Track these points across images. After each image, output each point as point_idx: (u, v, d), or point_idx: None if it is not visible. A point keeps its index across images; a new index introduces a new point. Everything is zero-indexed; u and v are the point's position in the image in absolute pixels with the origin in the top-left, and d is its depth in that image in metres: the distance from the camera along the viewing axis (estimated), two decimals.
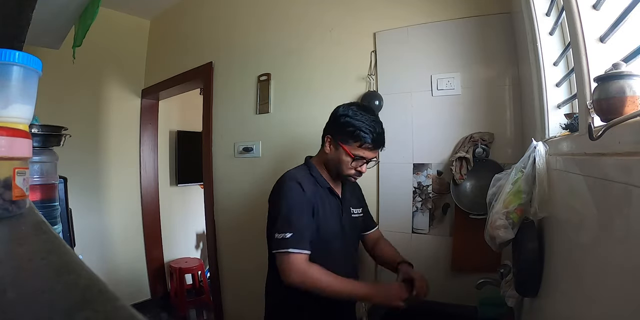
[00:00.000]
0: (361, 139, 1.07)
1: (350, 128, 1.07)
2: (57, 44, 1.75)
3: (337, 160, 1.11)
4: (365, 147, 1.08)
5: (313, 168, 1.16)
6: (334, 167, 1.13)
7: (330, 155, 1.13)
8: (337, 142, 1.10)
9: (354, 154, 1.08)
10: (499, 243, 0.84)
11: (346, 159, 1.09)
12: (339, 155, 1.10)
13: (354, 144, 1.08)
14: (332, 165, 1.13)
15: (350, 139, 1.08)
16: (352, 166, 1.10)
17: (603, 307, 0.46)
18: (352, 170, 1.11)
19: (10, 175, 0.40)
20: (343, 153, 1.09)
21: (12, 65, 0.46)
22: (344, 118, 1.09)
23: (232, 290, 2.11)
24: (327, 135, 1.13)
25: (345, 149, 1.08)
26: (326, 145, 1.13)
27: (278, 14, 1.88)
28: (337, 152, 1.10)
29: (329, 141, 1.13)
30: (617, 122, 0.42)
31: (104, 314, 0.19)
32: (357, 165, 1.10)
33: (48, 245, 0.33)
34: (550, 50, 0.91)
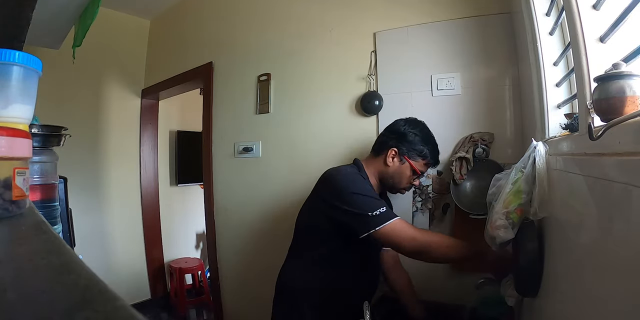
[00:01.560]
0: (428, 157, 1.14)
1: (420, 146, 1.13)
2: (57, 44, 1.75)
3: (399, 174, 1.14)
4: (428, 165, 1.16)
5: (362, 170, 1.16)
6: (392, 180, 1.16)
7: (392, 168, 1.14)
8: (403, 156, 1.13)
9: (419, 170, 1.13)
10: (499, 243, 0.84)
11: (408, 173, 1.14)
12: (402, 170, 1.14)
13: (420, 161, 1.14)
14: (391, 177, 1.15)
15: (418, 156, 1.13)
16: (409, 180, 1.15)
17: (603, 307, 0.46)
18: (407, 184, 1.16)
19: (10, 175, 0.40)
20: (408, 168, 1.13)
21: (12, 65, 0.46)
22: (414, 136, 1.13)
23: (232, 290, 2.11)
24: (392, 148, 1.14)
25: (412, 164, 1.13)
26: (389, 158, 1.14)
27: (278, 14, 1.88)
28: (401, 166, 1.14)
29: (393, 155, 1.14)
30: (617, 122, 0.42)
31: (104, 314, 0.19)
32: (413, 179, 1.16)
33: (48, 245, 0.33)
34: (550, 50, 0.91)
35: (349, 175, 1.08)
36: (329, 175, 1.12)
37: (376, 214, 0.98)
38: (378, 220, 0.97)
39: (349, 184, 1.05)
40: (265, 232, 1.89)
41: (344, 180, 1.07)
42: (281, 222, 1.81)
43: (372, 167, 1.18)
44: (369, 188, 1.06)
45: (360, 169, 1.16)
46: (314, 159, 1.71)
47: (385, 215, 0.98)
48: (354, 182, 1.05)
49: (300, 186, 1.74)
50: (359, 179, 1.07)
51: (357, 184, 1.05)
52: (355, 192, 1.02)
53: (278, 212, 1.83)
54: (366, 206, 0.99)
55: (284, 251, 1.29)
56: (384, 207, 0.99)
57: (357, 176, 1.08)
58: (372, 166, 1.18)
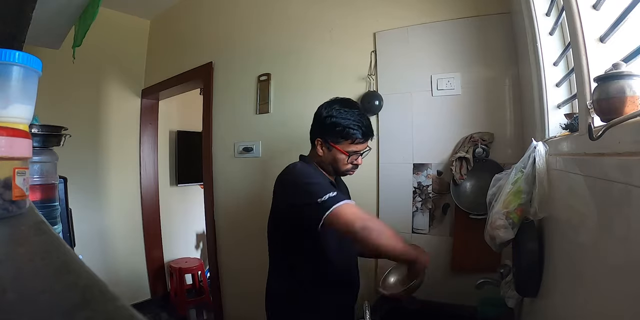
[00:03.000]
0: (352, 136, 1.09)
1: (338, 128, 1.09)
2: (57, 44, 1.75)
3: (333, 160, 1.13)
4: (357, 142, 1.11)
5: (311, 164, 1.17)
6: (330, 166, 1.15)
7: (324, 156, 1.14)
8: (328, 143, 1.12)
9: (347, 151, 1.10)
10: (499, 243, 0.84)
11: (341, 157, 1.11)
12: (333, 155, 1.12)
13: (345, 142, 1.10)
14: (328, 165, 1.15)
15: (341, 138, 1.10)
16: (348, 162, 1.12)
17: (603, 307, 0.46)
18: (349, 166, 1.14)
19: (10, 175, 0.40)
20: (337, 152, 1.11)
21: (12, 65, 0.46)
22: (330, 119, 1.10)
23: (232, 290, 2.11)
24: (316, 138, 1.14)
25: (338, 148, 1.10)
26: (318, 148, 1.14)
27: (278, 14, 1.88)
28: (331, 152, 1.12)
29: (320, 144, 1.14)
30: (617, 122, 0.42)
31: (104, 314, 0.19)
32: (353, 159, 1.13)
33: (48, 245, 0.33)
34: (550, 50, 0.91)
35: (297, 169, 1.09)
36: (279, 177, 1.14)
37: (325, 199, 0.95)
38: (327, 204, 0.95)
39: (297, 177, 1.06)
40: (265, 231, 1.89)
41: (292, 174, 1.08)
42: None
43: (313, 159, 1.18)
44: (319, 174, 1.08)
45: (305, 160, 1.18)
46: None
47: (334, 198, 0.95)
48: (301, 173, 1.07)
49: None
50: (305, 169, 1.08)
51: (305, 173, 1.06)
52: (303, 183, 1.02)
53: None
54: (314, 194, 0.97)
55: None
56: (334, 192, 0.97)
57: (304, 166, 1.10)
58: (313, 158, 1.18)
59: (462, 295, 1.27)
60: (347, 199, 0.98)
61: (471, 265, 1.30)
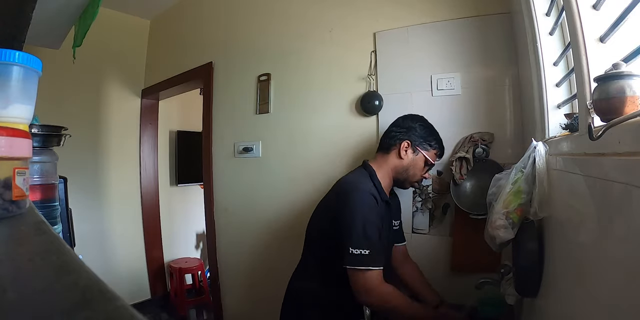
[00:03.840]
0: (438, 147, 1.19)
1: (431, 137, 1.18)
2: (57, 44, 1.75)
3: (414, 166, 1.17)
4: (438, 154, 1.21)
5: (374, 176, 1.15)
6: (407, 173, 1.18)
7: (407, 161, 1.17)
8: (415, 147, 1.17)
9: (432, 160, 1.18)
10: (499, 243, 0.84)
11: (421, 164, 1.17)
12: (416, 161, 1.17)
13: (432, 151, 1.19)
14: (406, 170, 1.18)
15: (430, 147, 1.18)
16: (422, 172, 1.19)
17: (603, 307, 0.46)
18: (420, 176, 1.20)
19: (10, 175, 0.40)
20: (421, 159, 1.17)
21: (12, 65, 0.46)
22: (422, 128, 1.18)
23: (232, 290, 2.11)
24: (404, 141, 1.17)
25: (425, 155, 1.17)
26: (402, 151, 1.16)
27: (278, 14, 1.88)
28: (416, 157, 1.17)
29: (406, 147, 1.17)
30: (617, 122, 0.42)
31: (104, 314, 0.19)
32: (425, 171, 1.20)
33: (48, 245, 0.33)
34: (550, 50, 0.91)
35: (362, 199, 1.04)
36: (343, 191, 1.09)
37: (357, 253, 0.97)
38: (353, 260, 0.97)
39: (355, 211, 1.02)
40: (266, 232, 1.89)
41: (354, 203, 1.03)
42: (281, 222, 1.81)
43: (385, 165, 1.19)
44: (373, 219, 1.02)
45: (372, 174, 1.15)
46: (313, 159, 1.71)
47: (362, 258, 0.96)
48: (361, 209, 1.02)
49: (300, 186, 1.74)
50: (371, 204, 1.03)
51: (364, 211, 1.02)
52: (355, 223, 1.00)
53: (278, 212, 1.83)
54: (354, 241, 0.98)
55: (284, 251, 1.29)
56: (369, 250, 0.97)
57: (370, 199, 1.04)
58: (384, 164, 1.19)
59: (462, 295, 1.27)
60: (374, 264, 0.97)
61: (471, 265, 1.30)
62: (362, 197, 1.04)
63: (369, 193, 1.05)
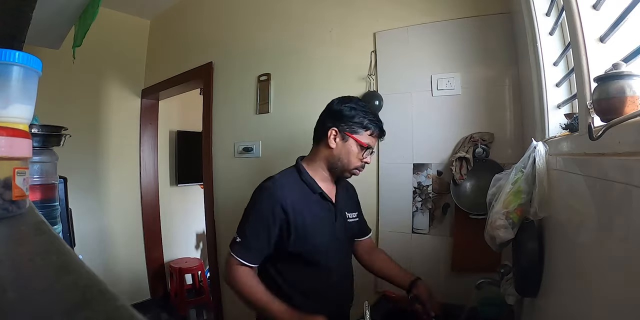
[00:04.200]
0: (371, 127, 1.08)
1: (359, 117, 1.07)
2: (57, 44, 1.75)
3: (346, 153, 1.08)
4: (374, 135, 1.09)
5: (304, 172, 1.13)
6: (340, 161, 1.10)
7: (337, 148, 1.09)
8: (344, 133, 1.08)
9: (365, 143, 1.07)
10: (499, 243, 0.84)
11: (356, 150, 1.08)
12: (347, 148, 1.08)
13: (364, 133, 1.08)
14: (339, 159, 1.10)
15: (360, 129, 1.08)
16: (359, 157, 1.09)
17: (603, 307, 0.46)
18: (359, 162, 1.10)
19: (10, 175, 0.40)
20: (353, 144, 1.07)
21: (12, 65, 0.46)
22: (350, 110, 1.08)
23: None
24: (330, 128, 1.09)
25: (355, 139, 1.07)
26: (330, 139, 1.08)
27: (278, 14, 1.88)
28: (346, 144, 1.08)
29: (334, 134, 1.08)
30: (617, 122, 0.42)
31: (104, 314, 0.19)
32: (365, 155, 1.09)
33: (48, 245, 0.33)
34: (550, 50, 0.91)
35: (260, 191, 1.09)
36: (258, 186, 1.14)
37: (234, 237, 1.05)
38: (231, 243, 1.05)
39: (251, 203, 1.09)
40: None
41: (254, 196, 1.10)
42: None
43: (317, 157, 1.13)
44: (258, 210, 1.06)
45: (301, 171, 1.13)
46: None
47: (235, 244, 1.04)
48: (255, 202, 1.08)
49: None
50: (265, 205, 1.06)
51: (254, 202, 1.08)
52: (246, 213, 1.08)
53: None
54: (238, 228, 1.06)
55: None
56: (241, 239, 1.03)
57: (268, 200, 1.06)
58: (316, 157, 1.13)
59: (462, 295, 1.27)
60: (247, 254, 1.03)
61: (471, 265, 1.30)
62: (262, 196, 1.08)
63: (268, 189, 1.08)
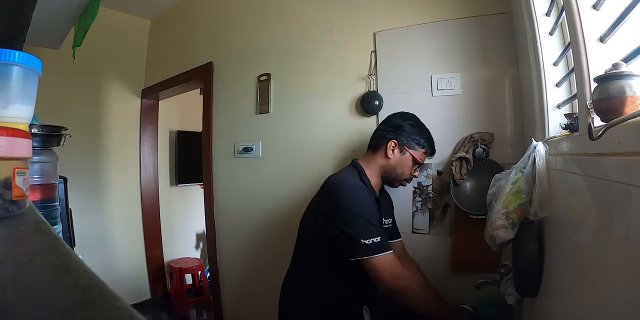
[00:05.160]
0: (428, 146, 1.18)
1: (417, 136, 1.17)
2: (57, 44, 1.76)
3: (401, 165, 1.17)
4: (427, 153, 1.20)
5: (363, 173, 1.16)
6: (394, 172, 1.18)
7: (394, 160, 1.17)
8: (402, 147, 1.17)
9: (420, 159, 1.17)
10: (499, 243, 0.84)
11: (410, 164, 1.17)
12: (404, 160, 1.17)
13: (420, 150, 1.18)
14: (393, 169, 1.18)
15: (417, 146, 1.17)
16: (410, 171, 1.18)
17: (603, 307, 0.46)
18: (409, 175, 1.19)
19: (10, 175, 0.40)
20: (408, 158, 1.17)
21: (12, 65, 0.46)
22: (411, 126, 1.17)
23: (232, 290, 2.11)
24: (391, 140, 1.17)
25: (412, 154, 1.16)
26: (389, 151, 1.17)
27: (278, 14, 1.88)
28: (403, 157, 1.17)
29: (393, 146, 1.17)
30: (617, 122, 0.42)
31: (104, 314, 0.19)
32: (415, 170, 1.20)
33: (48, 245, 0.33)
34: (550, 50, 0.91)
35: (353, 191, 1.05)
36: (332, 186, 1.10)
37: (369, 242, 0.98)
38: (369, 250, 0.98)
39: (351, 203, 1.03)
40: (265, 232, 1.89)
41: (347, 196, 1.04)
42: (281, 222, 1.81)
43: (373, 164, 1.19)
44: (370, 209, 1.03)
45: (361, 172, 1.16)
46: (313, 159, 1.71)
47: (377, 246, 0.98)
48: (357, 200, 1.03)
49: (300, 186, 1.74)
50: (363, 196, 1.05)
51: (360, 202, 1.03)
52: (355, 214, 1.01)
53: (278, 212, 1.83)
54: (362, 232, 0.99)
55: (284, 251, 1.29)
56: (379, 237, 0.99)
57: (362, 191, 1.06)
58: (372, 163, 1.19)
59: (462, 295, 1.27)
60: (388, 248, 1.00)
61: (471, 265, 1.30)
62: (353, 190, 1.06)
63: (361, 187, 1.09)
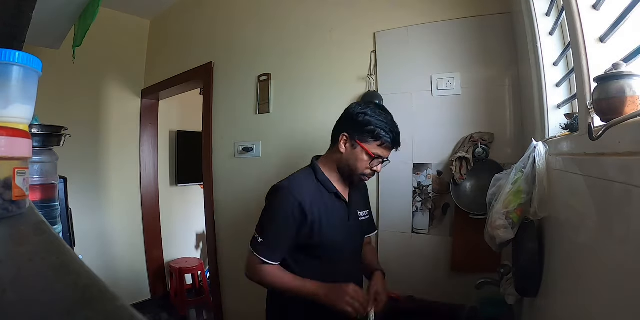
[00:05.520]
0: (381, 138, 1.05)
1: (370, 126, 1.05)
2: (57, 44, 1.76)
3: (354, 159, 1.08)
4: (385, 146, 1.07)
5: (319, 171, 1.12)
6: (348, 167, 1.10)
7: (346, 154, 1.09)
8: (354, 140, 1.07)
9: (373, 153, 1.06)
10: (499, 243, 0.84)
11: (364, 158, 1.07)
12: (355, 155, 1.07)
13: (373, 142, 1.06)
14: (346, 164, 1.10)
15: (370, 138, 1.06)
16: (368, 165, 1.08)
17: (603, 307, 0.46)
18: (367, 170, 1.09)
19: (10, 175, 0.40)
20: (361, 152, 1.06)
21: (12, 65, 0.46)
22: (363, 116, 1.06)
23: (232, 290, 2.11)
24: (342, 133, 1.08)
25: (364, 147, 1.06)
26: (341, 144, 1.09)
27: (278, 14, 1.88)
28: (354, 151, 1.07)
29: (344, 140, 1.08)
30: (617, 122, 0.42)
31: (104, 314, 0.19)
32: (374, 164, 1.08)
33: (48, 245, 0.33)
34: (550, 50, 0.91)
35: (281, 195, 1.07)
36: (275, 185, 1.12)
37: (256, 237, 1.05)
38: (251, 242, 1.06)
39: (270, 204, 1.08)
40: None
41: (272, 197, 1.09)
42: None
43: (330, 159, 1.14)
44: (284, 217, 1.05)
45: (317, 170, 1.13)
46: None
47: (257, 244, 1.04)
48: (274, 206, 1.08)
49: None
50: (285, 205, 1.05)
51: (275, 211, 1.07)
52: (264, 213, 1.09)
53: None
54: (258, 227, 1.07)
55: None
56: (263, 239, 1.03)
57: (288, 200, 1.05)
58: (330, 158, 1.14)
59: (462, 295, 1.27)
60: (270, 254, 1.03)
61: (471, 265, 1.30)
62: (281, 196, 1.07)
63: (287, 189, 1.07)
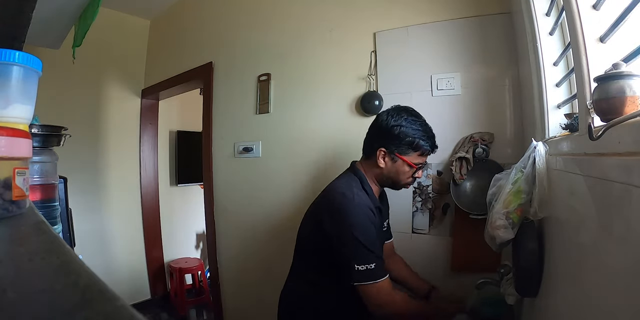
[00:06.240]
0: (421, 147, 1.04)
1: (408, 138, 1.03)
2: (57, 44, 1.76)
3: (395, 173, 1.06)
4: (425, 154, 1.06)
5: (365, 182, 1.08)
6: (391, 180, 1.08)
7: (387, 168, 1.06)
8: (393, 154, 1.05)
9: (415, 164, 1.04)
10: (499, 243, 0.84)
11: (405, 170, 1.05)
12: (397, 168, 1.05)
13: (413, 153, 1.04)
14: (388, 178, 1.08)
15: (409, 150, 1.04)
16: (411, 175, 1.07)
17: (603, 307, 0.46)
18: (409, 179, 1.08)
19: (10, 175, 0.40)
20: (402, 164, 1.05)
21: (12, 65, 0.46)
22: (399, 128, 1.03)
23: (232, 290, 2.11)
24: (379, 148, 1.05)
25: (405, 160, 1.04)
26: (380, 160, 1.06)
27: (278, 14, 1.88)
28: (395, 164, 1.05)
29: (382, 154, 1.06)
30: (617, 122, 0.42)
31: (104, 314, 0.19)
32: (415, 173, 1.07)
33: (48, 245, 0.33)
34: (550, 50, 0.91)
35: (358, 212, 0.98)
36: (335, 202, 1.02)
37: (362, 269, 0.93)
38: (361, 276, 0.94)
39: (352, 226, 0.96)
40: (265, 232, 1.89)
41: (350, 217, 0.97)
42: (281, 222, 1.81)
43: (369, 171, 1.11)
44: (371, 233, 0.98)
45: (363, 180, 1.08)
46: (313, 159, 1.71)
47: (372, 273, 0.94)
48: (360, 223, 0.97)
49: (300, 186, 1.74)
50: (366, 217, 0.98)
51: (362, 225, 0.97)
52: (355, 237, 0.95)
53: (278, 212, 1.83)
54: (357, 257, 0.94)
55: (284, 251, 1.28)
56: (374, 264, 0.94)
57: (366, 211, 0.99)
58: (368, 170, 1.11)
59: (462, 295, 1.27)
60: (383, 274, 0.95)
61: (471, 265, 1.30)
62: (358, 210, 0.98)
63: (365, 206, 1.00)
